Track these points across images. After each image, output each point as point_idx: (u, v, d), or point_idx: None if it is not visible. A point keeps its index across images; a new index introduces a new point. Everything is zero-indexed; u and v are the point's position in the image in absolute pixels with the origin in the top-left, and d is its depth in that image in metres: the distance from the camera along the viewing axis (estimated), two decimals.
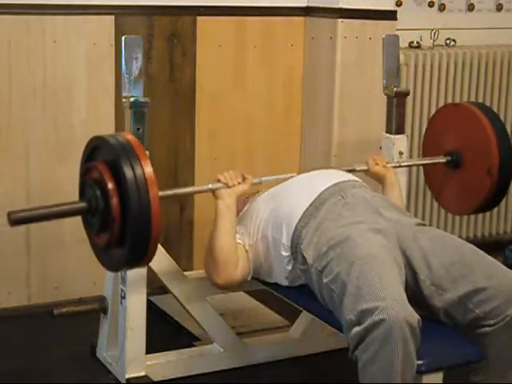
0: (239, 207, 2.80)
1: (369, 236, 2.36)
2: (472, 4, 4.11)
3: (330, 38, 3.53)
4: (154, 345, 2.82)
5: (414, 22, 3.90)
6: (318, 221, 2.50)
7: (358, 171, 2.93)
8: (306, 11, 3.65)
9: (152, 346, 2.79)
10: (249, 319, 3.30)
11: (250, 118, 3.63)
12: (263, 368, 2.97)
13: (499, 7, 4.18)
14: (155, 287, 2.99)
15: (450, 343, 2.28)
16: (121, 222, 2.28)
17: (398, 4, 3.87)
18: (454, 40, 4.00)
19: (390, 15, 3.55)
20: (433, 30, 3.92)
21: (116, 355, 2.81)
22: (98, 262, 3.14)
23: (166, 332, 3.19)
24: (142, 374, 2.76)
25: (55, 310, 2.84)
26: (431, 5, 4.02)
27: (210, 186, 2.70)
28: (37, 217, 2.39)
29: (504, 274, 2.33)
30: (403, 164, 3.06)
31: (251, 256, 2.68)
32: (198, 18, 3.48)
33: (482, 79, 3.97)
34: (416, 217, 3.89)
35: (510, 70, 4.07)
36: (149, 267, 2.73)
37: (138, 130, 2.63)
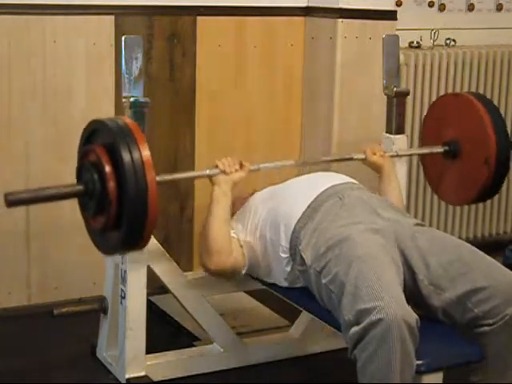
0: (237, 207, 2.81)
1: (367, 236, 2.37)
2: (472, 4, 4.11)
3: (330, 38, 3.53)
4: (154, 345, 2.82)
5: (414, 22, 3.90)
6: (315, 222, 2.50)
7: (356, 160, 2.96)
8: (306, 11, 3.65)
9: (152, 346, 2.79)
10: (249, 319, 3.30)
11: (250, 118, 3.63)
12: (263, 368, 2.97)
13: (499, 7, 4.18)
14: (155, 287, 2.99)
15: (449, 343, 2.28)
16: (117, 206, 2.29)
17: (398, 4, 3.87)
18: (454, 40, 4.00)
19: (389, 15, 3.56)
20: (433, 30, 3.92)
21: (116, 355, 2.81)
22: (98, 262, 3.15)
23: (165, 332, 3.19)
24: (142, 374, 2.76)
25: (55, 310, 2.84)
26: (431, 5, 4.02)
27: (208, 172, 2.71)
28: (34, 199, 2.41)
29: (503, 273, 2.33)
30: (401, 153, 3.06)
31: (247, 252, 2.69)
32: (198, 18, 3.48)
33: (481, 79, 3.97)
34: (416, 217, 3.90)
35: (510, 69, 4.07)
36: (149, 267, 2.74)
37: None
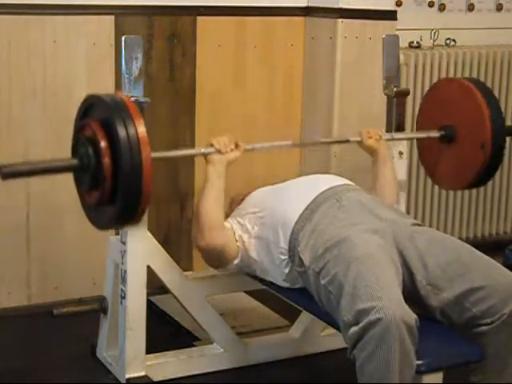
0: (235, 208, 2.81)
1: (365, 237, 2.37)
2: (472, 4, 4.11)
3: (330, 38, 3.53)
4: (154, 345, 2.82)
5: (414, 21, 3.91)
6: (313, 224, 2.50)
7: (352, 142, 2.97)
8: (306, 11, 3.65)
9: (152, 346, 2.79)
10: (249, 319, 3.30)
11: (250, 118, 3.63)
12: (263, 368, 2.97)
13: (499, 7, 4.18)
14: (155, 287, 2.99)
15: (449, 343, 2.28)
16: (112, 181, 2.31)
17: (398, 4, 3.87)
18: (454, 40, 4.01)
19: (390, 15, 3.56)
20: (433, 30, 3.92)
21: (116, 355, 2.81)
22: (98, 262, 3.16)
23: (166, 332, 3.19)
24: (142, 374, 2.76)
25: (55, 310, 2.84)
26: (431, 5, 4.02)
27: (203, 151, 2.71)
28: (28, 171, 2.42)
29: (501, 273, 2.33)
30: (396, 137, 3.06)
31: (242, 249, 2.69)
32: (198, 18, 3.48)
33: (481, 79, 3.96)
34: (416, 216, 3.90)
35: (510, 69, 4.07)
36: (149, 267, 2.74)
37: None
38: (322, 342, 3.07)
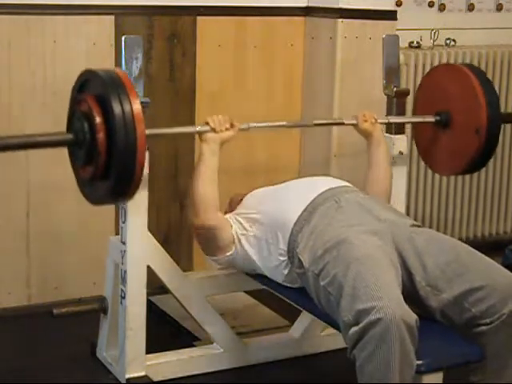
0: (234, 207, 2.81)
1: (365, 238, 2.36)
2: (472, 4, 4.11)
3: (330, 37, 3.53)
4: (154, 345, 2.82)
5: (414, 21, 3.91)
6: (312, 225, 2.50)
7: (347, 125, 2.98)
8: (306, 11, 3.65)
9: (152, 346, 2.79)
10: (249, 319, 3.30)
11: (250, 118, 3.61)
12: (263, 368, 2.97)
13: (499, 7, 4.18)
14: (155, 287, 2.99)
15: (449, 343, 2.28)
16: (106, 156, 2.32)
17: (398, 4, 3.87)
18: (454, 40, 4.01)
19: (390, 15, 3.56)
20: (433, 30, 3.92)
21: (116, 355, 2.81)
22: (98, 262, 3.16)
23: (166, 332, 3.19)
24: (142, 374, 2.76)
25: (55, 310, 2.84)
26: (431, 5, 4.02)
27: (198, 129, 2.73)
28: (23, 144, 2.43)
29: (500, 273, 2.33)
30: (392, 121, 3.06)
31: (241, 248, 2.69)
32: (198, 18, 3.48)
33: None
34: (416, 216, 3.90)
35: (510, 69, 4.07)
36: (149, 267, 2.74)
37: None
38: (322, 341, 3.07)
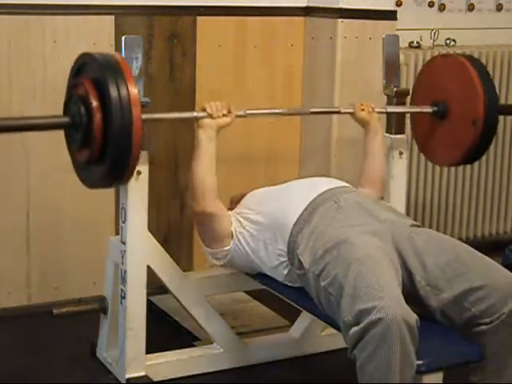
0: (234, 207, 2.81)
1: (365, 238, 2.36)
2: (472, 4, 4.11)
3: (330, 37, 3.53)
4: (154, 345, 2.82)
5: (414, 21, 3.91)
6: (312, 226, 2.50)
7: (344, 113, 2.99)
8: (306, 11, 3.65)
9: (152, 346, 2.79)
10: (249, 319, 3.30)
11: (250, 118, 3.62)
12: (263, 368, 2.97)
13: (499, 7, 4.18)
14: (155, 287, 2.99)
15: (449, 343, 2.28)
16: (102, 139, 2.35)
17: (398, 4, 3.87)
18: (454, 40, 4.00)
19: (390, 15, 3.56)
20: (433, 30, 3.92)
21: (116, 355, 2.81)
22: (98, 263, 3.16)
23: (166, 332, 3.19)
24: (142, 374, 2.76)
25: (55, 310, 2.84)
26: (431, 5, 4.02)
27: (195, 114, 2.73)
28: (20, 126, 2.47)
29: (499, 272, 2.33)
30: (389, 110, 3.06)
31: (240, 247, 2.69)
32: (198, 18, 3.48)
33: None
34: (415, 216, 3.90)
35: (510, 69, 4.07)
36: (149, 267, 2.74)
37: None
38: (322, 341, 3.07)
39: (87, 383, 2.86)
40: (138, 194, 2.66)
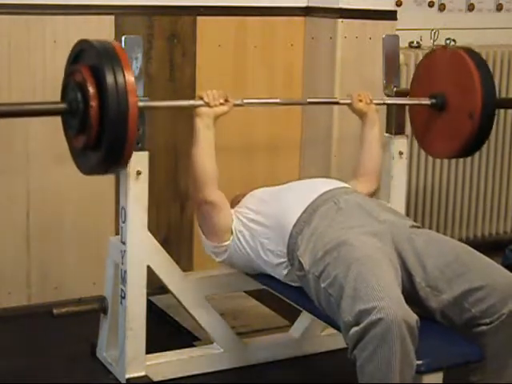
0: (233, 207, 2.81)
1: (364, 239, 2.36)
2: (472, 4, 4.11)
3: (330, 37, 3.53)
4: (154, 345, 2.82)
5: (414, 21, 3.90)
6: (312, 227, 2.49)
7: (342, 104, 3.00)
8: (306, 11, 3.65)
9: (152, 346, 2.79)
10: (249, 319, 3.30)
11: (250, 118, 3.63)
12: (263, 368, 2.97)
13: (499, 7, 4.18)
14: (155, 287, 2.99)
15: (449, 343, 2.28)
16: (99, 125, 2.38)
17: (398, 4, 3.87)
18: (454, 40, 3.98)
19: (390, 15, 3.56)
20: (433, 30, 3.91)
21: (116, 355, 2.81)
22: (98, 263, 3.15)
23: (166, 332, 3.19)
24: (142, 374, 2.76)
25: (55, 310, 2.84)
26: (431, 5, 4.02)
27: (192, 102, 2.74)
28: (17, 112, 2.50)
29: (499, 273, 2.33)
30: (387, 102, 3.07)
31: (240, 246, 2.69)
32: (198, 18, 3.48)
33: None
34: (415, 216, 3.90)
35: (510, 69, 4.07)
36: (149, 267, 2.74)
37: (138, 130, 2.63)
38: (322, 341, 3.07)
39: (87, 383, 2.86)
40: (138, 194, 2.66)
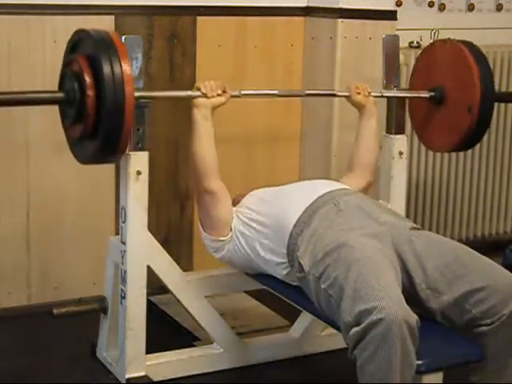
0: (233, 206, 2.81)
1: (364, 240, 2.36)
2: (472, 4, 4.11)
3: (330, 37, 3.53)
4: (154, 345, 2.82)
5: (414, 21, 3.90)
6: (312, 228, 2.49)
7: (340, 96, 3.01)
8: (306, 11, 3.65)
9: (152, 346, 2.79)
10: (249, 319, 3.30)
11: (250, 118, 3.63)
12: (263, 368, 2.97)
13: (499, 7, 4.18)
14: (155, 287, 2.99)
15: (449, 343, 2.28)
16: (95, 115, 2.39)
17: (398, 4, 3.87)
18: None
19: (390, 15, 3.56)
20: (433, 30, 3.92)
21: (116, 355, 2.81)
22: (98, 263, 3.15)
23: (166, 332, 3.19)
24: (142, 374, 2.76)
25: (55, 310, 2.84)
26: (431, 5, 4.02)
27: (190, 93, 2.74)
28: (14, 100, 2.53)
29: (500, 273, 2.33)
30: (385, 94, 3.07)
31: (240, 245, 2.69)
32: (198, 18, 3.48)
33: None
34: (415, 217, 3.90)
35: (510, 69, 4.07)
36: (149, 267, 2.74)
37: (138, 130, 2.63)
38: (322, 341, 3.07)
39: (87, 383, 2.87)
40: (138, 194, 2.66)
